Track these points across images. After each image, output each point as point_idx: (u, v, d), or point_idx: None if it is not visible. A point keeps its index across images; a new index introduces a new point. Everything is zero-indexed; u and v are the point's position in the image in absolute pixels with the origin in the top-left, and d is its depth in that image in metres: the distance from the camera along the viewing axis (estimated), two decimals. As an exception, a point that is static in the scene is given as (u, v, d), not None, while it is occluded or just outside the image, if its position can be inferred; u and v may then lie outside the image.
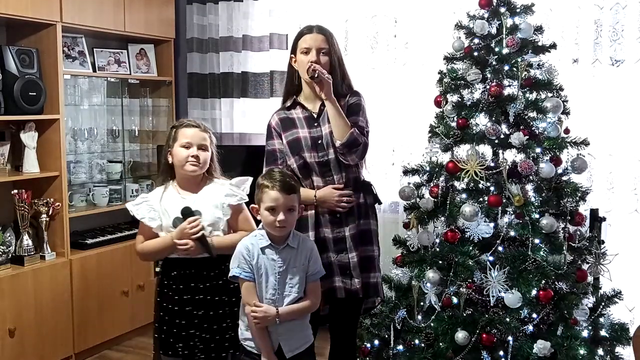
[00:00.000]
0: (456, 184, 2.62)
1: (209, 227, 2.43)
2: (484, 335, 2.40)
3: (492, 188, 2.53)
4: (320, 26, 2.66)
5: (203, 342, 2.44)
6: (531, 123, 2.57)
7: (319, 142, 2.60)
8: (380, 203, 2.80)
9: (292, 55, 2.67)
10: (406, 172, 2.76)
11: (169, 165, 2.49)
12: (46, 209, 3.53)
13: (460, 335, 2.42)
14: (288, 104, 2.70)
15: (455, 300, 2.53)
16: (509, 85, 2.61)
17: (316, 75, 2.49)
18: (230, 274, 2.30)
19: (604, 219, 2.81)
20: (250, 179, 2.56)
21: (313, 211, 2.59)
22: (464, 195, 2.58)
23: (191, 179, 2.48)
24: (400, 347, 2.60)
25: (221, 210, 2.48)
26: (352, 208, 2.61)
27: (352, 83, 2.74)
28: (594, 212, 2.76)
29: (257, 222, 2.41)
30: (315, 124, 2.62)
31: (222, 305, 2.47)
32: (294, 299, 2.27)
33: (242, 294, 2.31)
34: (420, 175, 2.73)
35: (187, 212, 2.39)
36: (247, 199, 2.52)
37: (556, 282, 2.46)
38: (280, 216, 2.21)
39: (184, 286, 2.43)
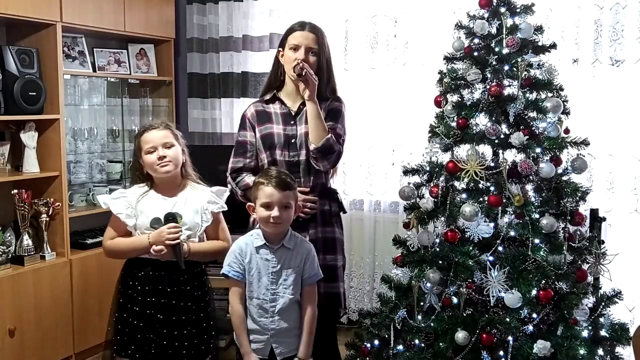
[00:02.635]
0: (456, 184, 2.62)
1: (187, 232, 2.40)
2: (484, 335, 2.40)
3: (492, 188, 2.53)
4: (312, 24, 2.62)
5: (160, 347, 2.39)
6: (531, 123, 2.57)
7: (292, 141, 2.58)
8: (344, 212, 2.78)
9: (280, 49, 2.64)
10: (406, 172, 2.76)
11: (145, 175, 2.47)
12: (46, 209, 3.53)
13: (460, 335, 2.42)
14: (267, 97, 2.68)
15: (455, 300, 2.52)
16: (509, 85, 2.61)
17: (303, 74, 2.45)
18: (221, 271, 2.31)
19: (604, 219, 2.81)
20: (228, 189, 2.56)
21: None
22: (464, 195, 2.58)
23: (169, 181, 2.46)
24: (400, 347, 2.60)
25: (202, 216, 2.46)
26: (314, 214, 2.59)
27: (337, 88, 2.71)
28: (594, 212, 2.76)
29: (246, 225, 2.40)
30: (292, 122, 2.60)
31: (186, 312, 2.42)
32: (288, 301, 2.27)
33: (229, 292, 2.31)
34: (420, 175, 2.72)
35: (170, 217, 2.38)
36: (227, 208, 2.52)
37: (556, 282, 2.46)
38: (275, 212, 2.21)
39: (150, 288, 2.40)
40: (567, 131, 2.61)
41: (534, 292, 2.39)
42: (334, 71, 2.74)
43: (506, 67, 2.60)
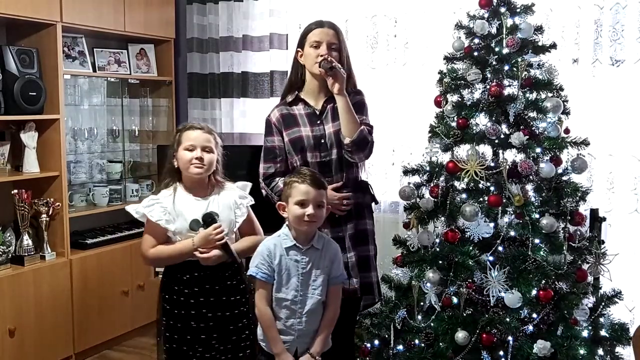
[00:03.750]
0: (456, 184, 2.62)
1: (225, 229, 2.40)
2: (484, 335, 2.40)
3: (492, 188, 2.53)
4: (331, 22, 2.66)
5: (222, 343, 2.41)
6: (531, 123, 2.57)
7: (322, 141, 2.59)
8: (377, 202, 2.80)
9: (299, 49, 2.66)
10: (406, 172, 2.76)
11: (175, 169, 2.45)
12: (46, 209, 3.53)
13: (460, 335, 2.42)
14: (289, 99, 2.68)
15: (455, 300, 2.52)
16: (509, 85, 2.61)
17: (332, 67, 2.47)
18: (248, 272, 2.30)
19: (604, 219, 2.81)
20: (250, 184, 2.57)
21: None
22: (464, 195, 2.58)
23: (199, 181, 2.44)
24: (400, 347, 2.60)
25: (234, 211, 2.46)
26: (350, 208, 2.61)
27: (356, 82, 2.74)
28: (594, 212, 2.76)
29: (278, 226, 2.40)
30: (318, 122, 2.61)
31: (237, 305, 2.45)
32: (317, 302, 2.27)
33: (256, 294, 2.31)
34: (420, 175, 2.73)
35: (209, 218, 2.36)
36: (254, 202, 2.53)
37: (556, 282, 2.46)
38: (310, 209, 2.20)
39: (199, 289, 2.39)
40: (567, 131, 2.61)
41: (534, 292, 2.39)
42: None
43: (506, 67, 2.60)
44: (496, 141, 2.56)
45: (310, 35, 2.59)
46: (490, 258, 2.49)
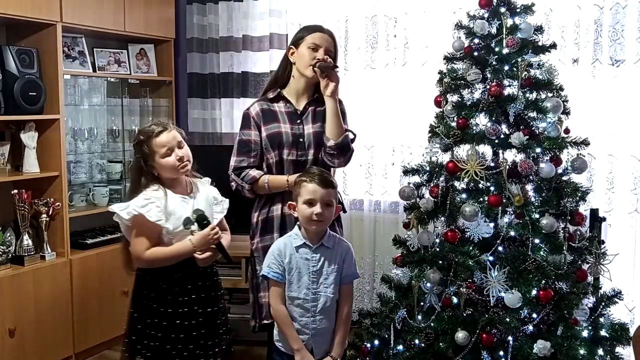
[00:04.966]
0: (456, 184, 2.62)
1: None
2: (484, 335, 2.40)
3: (492, 188, 2.53)
4: (330, 30, 2.69)
5: (206, 339, 2.43)
6: (531, 123, 2.57)
7: (300, 140, 2.60)
8: (345, 211, 2.80)
9: (292, 47, 2.67)
10: (406, 172, 2.76)
11: (156, 177, 2.40)
12: (46, 209, 3.53)
13: (460, 335, 2.42)
14: (271, 95, 2.69)
15: (455, 300, 2.52)
16: (509, 85, 2.61)
17: (334, 67, 2.50)
18: (260, 272, 2.32)
19: (604, 219, 2.81)
20: (209, 179, 2.58)
21: (279, 212, 2.59)
22: (464, 195, 2.58)
23: (179, 179, 2.44)
24: (400, 347, 2.60)
25: (212, 207, 2.48)
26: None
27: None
28: (594, 212, 2.76)
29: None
30: (298, 121, 2.62)
31: (215, 289, 2.48)
32: (329, 300, 2.27)
33: (269, 294, 2.33)
34: (420, 175, 2.73)
35: (203, 220, 2.36)
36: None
37: (556, 282, 2.46)
38: (317, 208, 2.22)
39: (192, 285, 2.40)
40: (567, 131, 2.61)
41: (534, 292, 2.39)
42: None
43: (506, 67, 2.60)
44: (496, 141, 2.55)
45: (309, 37, 2.61)
46: (490, 258, 2.49)
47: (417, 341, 2.54)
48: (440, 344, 2.47)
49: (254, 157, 2.62)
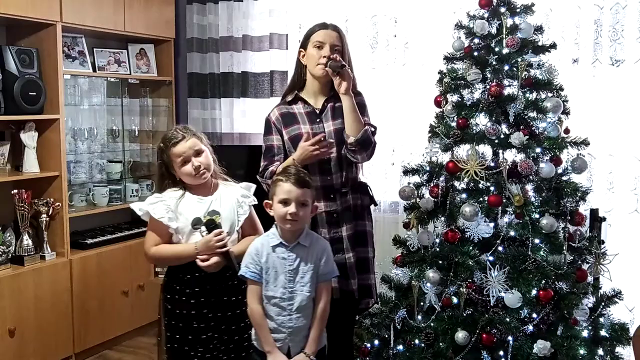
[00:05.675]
0: (456, 184, 2.62)
1: (226, 228, 2.40)
2: (484, 335, 2.40)
3: (492, 188, 2.53)
4: (334, 24, 2.69)
5: (223, 343, 2.42)
6: (531, 123, 2.57)
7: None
8: (376, 204, 2.80)
9: (302, 50, 2.67)
10: (406, 172, 2.76)
11: (178, 181, 2.44)
12: (46, 209, 3.53)
13: (460, 335, 2.42)
14: (289, 98, 2.70)
15: (455, 300, 2.53)
16: (509, 85, 2.61)
17: (343, 65, 2.49)
18: (239, 273, 2.31)
19: (604, 219, 2.81)
20: (254, 185, 2.57)
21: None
22: (464, 195, 2.58)
23: (203, 183, 2.45)
24: (400, 347, 2.60)
25: (237, 210, 2.46)
26: (348, 208, 2.61)
27: (357, 83, 2.75)
28: (594, 212, 2.76)
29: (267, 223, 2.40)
30: (317, 120, 2.62)
31: (238, 305, 2.44)
32: (305, 298, 2.27)
33: (247, 293, 2.32)
34: (420, 175, 2.73)
35: (211, 224, 2.35)
36: (257, 202, 2.53)
37: (556, 282, 2.46)
38: (292, 208, 2.22)
39: (200, 289, 2.39)
40: (567, 131, 2.61)
41: (534, 292, 2.39)
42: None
43: (506, 67, 2.60)
44: (496, 141, 2.56)
45: (314, 36, 2.61)
46: (490, 258, 2.49)
47: (417, 341, 2.54)
48: (440, 344, 2.47)
49: (277, 161, 2.64)
